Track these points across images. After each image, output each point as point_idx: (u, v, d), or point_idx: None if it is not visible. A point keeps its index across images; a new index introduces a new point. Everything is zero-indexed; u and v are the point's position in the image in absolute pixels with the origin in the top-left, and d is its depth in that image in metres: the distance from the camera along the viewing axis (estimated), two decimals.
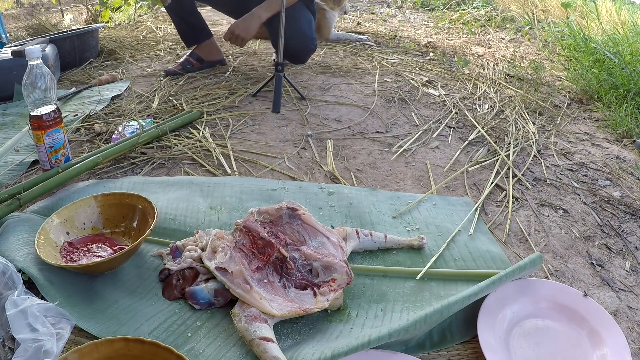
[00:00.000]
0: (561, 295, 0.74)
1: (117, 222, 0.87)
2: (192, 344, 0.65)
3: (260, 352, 0.60)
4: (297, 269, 0.74)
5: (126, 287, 0.76)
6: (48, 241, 0.79)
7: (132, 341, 0.58)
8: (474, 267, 0.81)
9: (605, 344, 0.67)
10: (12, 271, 0.69)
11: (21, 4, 4.40)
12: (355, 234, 0.83)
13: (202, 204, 0.96)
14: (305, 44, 1.76)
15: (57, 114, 1.04)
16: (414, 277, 0.78)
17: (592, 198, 1.07)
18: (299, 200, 0.98)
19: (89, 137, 1.32)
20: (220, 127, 1.38)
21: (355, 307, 0.73)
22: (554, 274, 0.83)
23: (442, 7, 3.55)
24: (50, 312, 0.64)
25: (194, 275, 0.75)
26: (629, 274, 0.85)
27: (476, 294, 0.69)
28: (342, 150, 1.26)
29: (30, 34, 2.44)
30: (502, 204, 1.03)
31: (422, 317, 0.64)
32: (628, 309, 0.77)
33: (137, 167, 1.16)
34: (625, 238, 0.94)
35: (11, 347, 0.62)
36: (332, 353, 0.59)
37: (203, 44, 1.90)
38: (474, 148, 1.29)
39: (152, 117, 1.45)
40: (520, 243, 0.91)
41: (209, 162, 1.18)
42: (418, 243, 0.85)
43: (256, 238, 0.77)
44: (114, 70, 1.99)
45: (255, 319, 0.64)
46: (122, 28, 2.91)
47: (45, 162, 1.05)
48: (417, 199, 1.01)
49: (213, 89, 1.69)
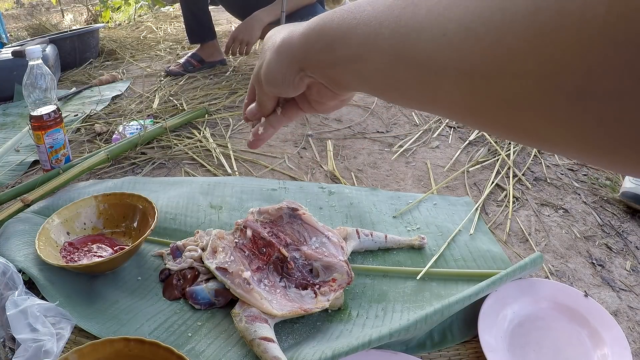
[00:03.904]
0: (562, 295, 0.74)
1: (117, 222, 0.87)
2: (192, 344, 0.65)
3: (261, 352, 0.60)
4: (297, 268, 0.74)
5: (126, 287, 0.76)
6: (48, 241, 0.79)
7: (132, 341, 0.58)
8: (474, 266, 0.81)
9: (605, 343, 0.67)
10: (12, 271, 0.69)
11: (21, 4, 4.41)
12: (356, 234, 0.83)
13: (202, 204, 0.96)
14: None
15: (58, 114, 1.04)
16: (414, 277, 0.78)
17: (593, 198, 1.07)
18: (299, 200, 0.98)
19: (89, 137, 1.32)
20: (220, 127, 1.38)
21: (355, 306, 0.73)
22: (554, 273, 0.83)
23: None
24: (50, 312, 0.64)
25: (195, 276, 0.75)
26: (630, 273, 0.85)
27: (477, 293, 0.69)
28: (342, 150, 1.26)
29: (31, 34, 2.44)
30: (502, 203, 1.03)
31: (423, 316, 0.64)
32: (629, 308, 0.77)
33: (137, 167, 1.16)
34: (625, 238, 0.94)
35: (12, 347, 0.62)
36: (333, 353, 0.59)
37: (206, 44, 1.90)
38: (475, 148, 1.29)
39: (153, 117, 1.45)
40: (521, 243, 0.91)
41: (209, 162, 1.18)
42: (418, 243, 0.85)
43: (257, 238, 0.77)
44: (114, 70, 1.99)
45: (256, 319, 0.64)
46: (122, 28, 2.91)
47: (45, 162, 1.05)
48: (418, 198, 1.01)
49: (213, 89, 1.69)
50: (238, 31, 1.68)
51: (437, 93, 0.23)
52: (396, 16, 0.24)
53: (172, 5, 3.41)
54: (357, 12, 0.28)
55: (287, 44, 0.35)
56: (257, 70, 0.40)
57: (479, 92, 0.20)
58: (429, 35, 0.22)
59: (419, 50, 0.22)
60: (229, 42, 1.70)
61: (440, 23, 0.21)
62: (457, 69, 0.20)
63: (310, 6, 1.75)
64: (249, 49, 1.70)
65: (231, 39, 1.69)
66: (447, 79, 0.21)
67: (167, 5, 3.40)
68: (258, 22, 1.68)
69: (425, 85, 0.24)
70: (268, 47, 0.38)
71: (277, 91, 0.39)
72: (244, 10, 1.75)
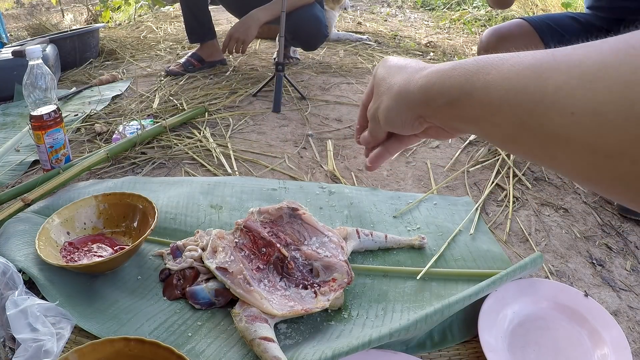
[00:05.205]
0: (562, 295, 0.74)
1: (117, 222, 0.87)
2: (192, 344, 0.65)
3: (261, 351, 0.60)
4: (297, 268, 0.74)
5: (127, 287, 0.76)
6: (49, 241, 0.79)
7: (132, 341, 0.58)
8: (474, 266, 0.81)
9: (606, 343, 0.67)
10: (12, 271, 0.69)
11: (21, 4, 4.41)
12: (356, 234, 0.83)
13: (202, 203, 0.96)
14: (319, 28, 1.76)
15: (58, 113, 1.04)
16: (414, 277, 0.78)
17: (593, 197, 1.07)
18: (299, 199, 0.98)
19: (89, 137, 1.32)
20: (220, 126, 1.38)
21: (355, 306, 0.73)
22: (554, 273, 0.83)
23: (443, 7, 3.55)
24: (50, 312, 0.64)
25: (195, 275, 0.75)
26: (630, 273, 0.85)
27: (477, 293, 0.69)
28: (342, 150, 1.26)
29: (31, 34, 2.44)
30: (502, 203, 1.03)
31: (423, 316, 0.64)
32: (629, 308, 0.77)
33: (137, 167, 1.16)
34: (625, 237, 0.94)
35: (12, 347, 0.62)
36: (333, 353, 0.59)
37: (206, 44, 1.90)
38: (475, 148, 1.29)
39: (153, 117, 1.45)
40: (521, 243, 0.91)
41: (209, 162, 1.18)
42: (419, 243, 0.85)
43: (257, 238, 0.77)
44: (114, 70, 1.99)
45: (256, 318, 0.64)
46: (122, 28, 2.91)
47: (45, 162, 1.05)
48: (418, 198, 1.01)
49: (213, 89, 1.69)
50: (235, 30, 1.68)
51: (557, 158, 0.26)
52: (523, 86, 0.26)
53: (172, 5, 3.41)
54: (482, 72, 0.29)
55: (405, 94, 0.37)
56: (374, 110, 0.43)
57: (599, 167, 0.23)
58: (557, 112, 0.24)
59: (546, 123, 0.25)
60: (226, 41, 1.70)
61: (568, 103, 0.23)
62: (582, 144, 0.23)
63: (309, 6, 1.75)
64: (244, 47, 1.70)
65: (228, 37, 1.69)
66: (570, 149, 0.24)
67: (167, 5, 3.40)
68: (255, 20, 1.68)
69: (546, 150, 0.26)
70: (384, 90, 0.40)
71: (395, 131, 0.42)
72: (243, 10, 1.75)
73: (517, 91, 0.26)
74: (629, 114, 0.21)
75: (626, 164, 0.21)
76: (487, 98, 0.29)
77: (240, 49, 1.69)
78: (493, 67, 0.29)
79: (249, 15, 1.69)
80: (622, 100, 0.21)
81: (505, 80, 0.27)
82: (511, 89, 0.27)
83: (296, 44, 1.91)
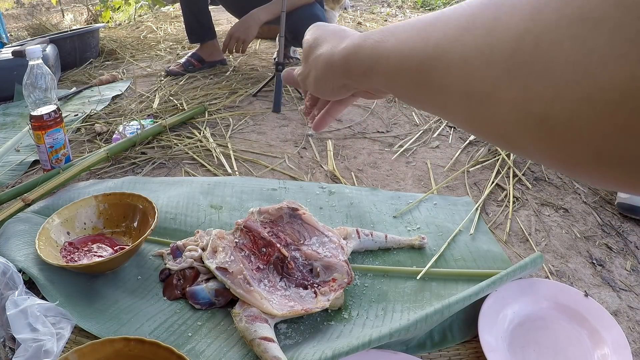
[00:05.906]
0: (562, 295, 0.74)
1: (117, 222, 0.87)
2: (192, 344, 0.65)
3: (261, 351, 0.60)
4: (297, 268, 0.74)
5: (127, 287, 0.76)
6: (49, 241, 0.79)
7: (132, 341, 0.58)
8: (474, 266, 0.81)
9: (606, 343, 0.67)
10: (12, 271, 0.69)
11: (21, 4, 4.41)
12: (356, 234, 0.83)
13: (202, 203, 0.96)
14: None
15: (58, 113, 1.04)
16: (414, 277, 0.78)
17: (593, 198, 1.07)
18: (299, 200, 0.98)
19: (89, 137, 1.32)
20: (220, 126, 1.38)
21: (355, 306, 0.73)
22: (554, 273, 0.83)
23: (443, 7, 3.55)
24: (50, 312, 0.64)
25: (195, 275, 0.75)
26: (630, 273, 0.85)
27: (477, 293, 0.69)
28: (342, 150, 1.26)
29: (31, 34, 2.44)
30: (502, 203, 1.03)
31: (423, 316, 0.64)
32: (629, 308, 0.77)
33: (137, 167, 1.16)
34: (626, 237, 0.94)
35: (12, 347, 0.62)
36: (333, 353, 0.59)
37: (206, 43, 1.90)
38: (475, 148, 1.29)
39: (153, 117, 1.45)
40: (521, 243, 0.91)
41: (209, 162, 1.18)
42: (419, 243, 0.85)
43: (257, 238, 0.77)
44: (114, 70, 1.99)
45: (256, 318, 0.64)
46: (122, 28, 2.91)
47: (45, 162, 1.05)
48: (418, 198, 1.01)
49: (213, 89, 1.69)
50: (235, 29, 1.68)
51: (447, 107, 0.28)
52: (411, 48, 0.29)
53: (172, 5, 3.41)
54: (384, 41, 0.32)
55: (330, 64, 0.41)
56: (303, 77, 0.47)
57: (475, 113, 0.25)
58: (439, 66, 0.26)
59: (433, 78, 0.27)
60: (226, 40, 1.70)
61: (446, 57, 0.26)
62: (459, 92, 0.25)
63: (309, 6, 1.75)
64: (245, 47, 1.70)
65: (228, 36, 1.69)
66: (453, 99, 0.26)
67: (167, 5, 3.40)
68: (255, 20, 1.68)
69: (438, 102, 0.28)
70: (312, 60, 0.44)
71: (326, 98, 0.47)
72: (243, 10, 1.75)
73: (408, 53, 0.29)
74: (490, 58, 0.22)
75: (493, 106, 0.23)
76: (389, 65, 0.31)
77: (240, 48, 1.70)
78: (392, 35, 0.31)
79: (249, 14, 1.69)
80: (484, 47, 0.23)
81: (401, 45, 0.30)
82: (404, 52, 0.29)
83: (296, 43, 1.91)
